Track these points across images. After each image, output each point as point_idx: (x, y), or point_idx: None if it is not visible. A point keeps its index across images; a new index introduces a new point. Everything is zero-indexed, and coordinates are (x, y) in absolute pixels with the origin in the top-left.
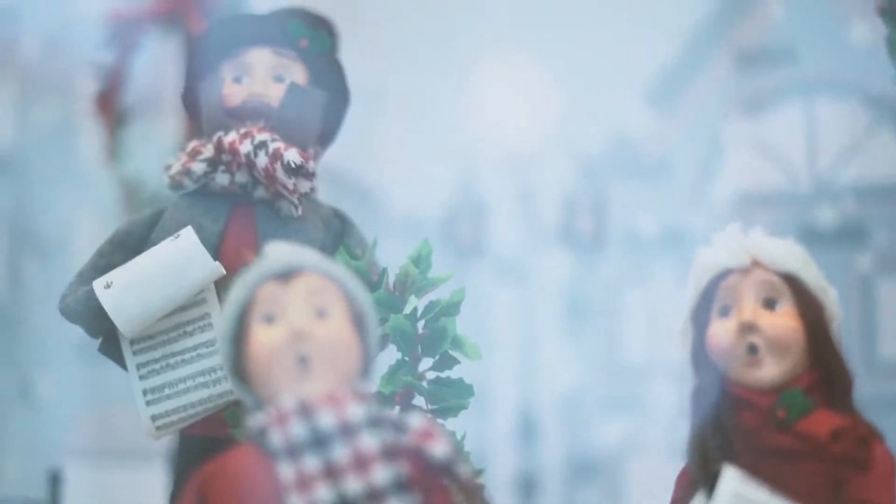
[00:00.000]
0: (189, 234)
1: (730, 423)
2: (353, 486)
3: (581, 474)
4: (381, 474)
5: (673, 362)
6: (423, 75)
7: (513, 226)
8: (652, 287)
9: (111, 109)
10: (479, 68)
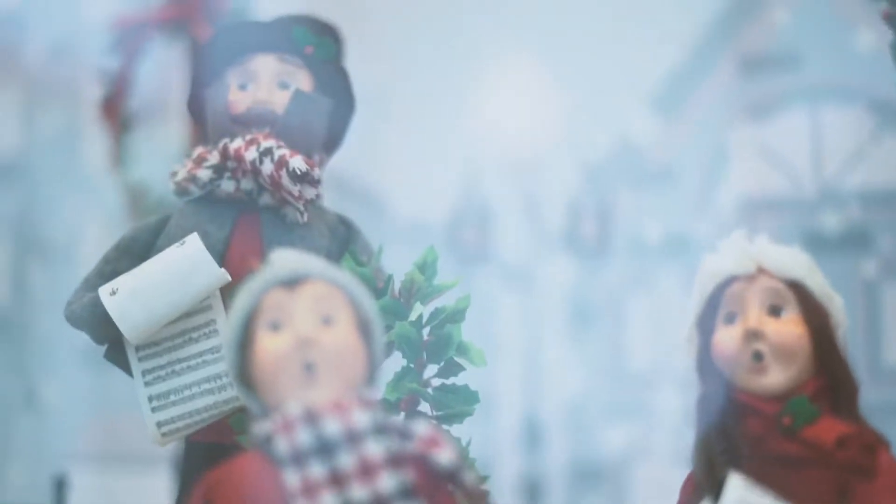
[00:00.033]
0: (195, 241)
1: (735, 430)
2: (358, 493)
3: (586, 480)
4: (387, 481)
5: (677, 368)
6: (428, 82)
7: (517, 232)
8: (656, 293)
9: (116, 115)
10: (483, 75)
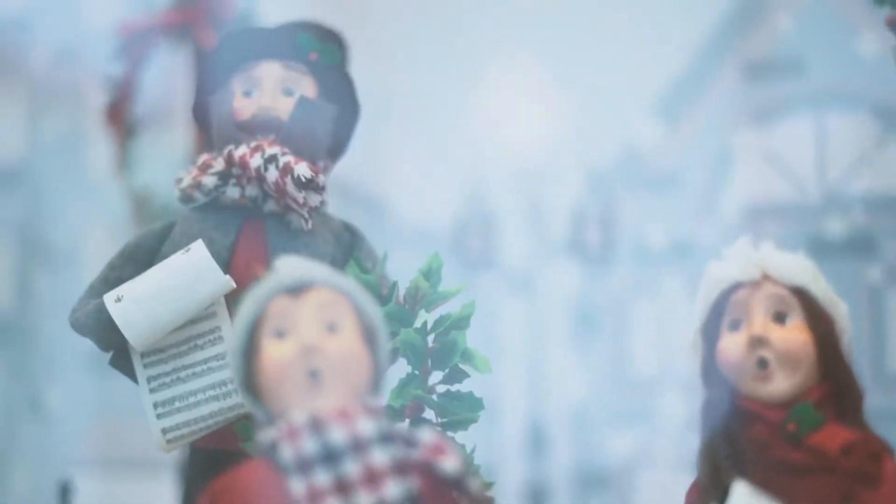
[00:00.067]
0: (199, 248)
1: (740, 437)
2: (363, 501)
3: (590, 486)
4: (392, 489)
5: (682, 374)
6: (432, 88)
7: (522, 238)
8: (661, 299)
9: (121, 121)
10: (487, 81)
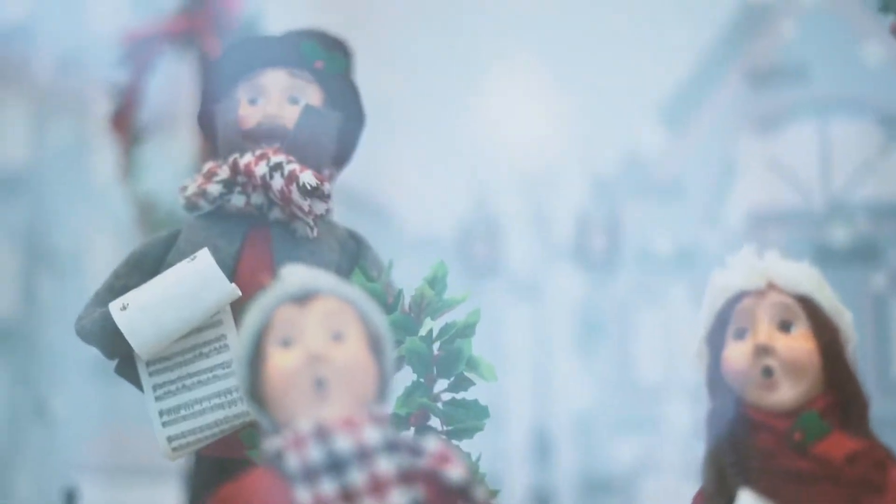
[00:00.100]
0: (205, 256)
1: (745, 446)
2: None
3: (595, 494)
4: (398, 498)
5: (687, 381)
6: (436, 95)
7: (526, 244)
8: (666, 306)
9: (126, 128)
10: (491, 89)
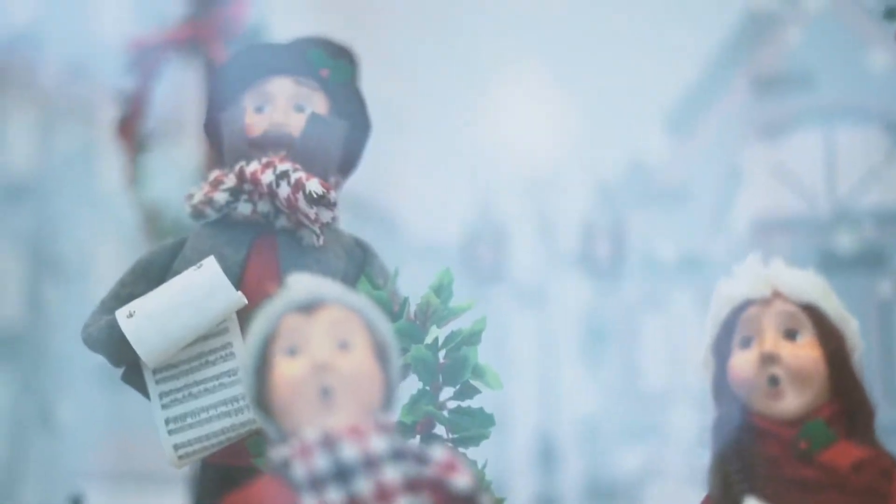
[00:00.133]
0: (211, 264)
1: (751, 454)
2: None
3: (601, 501)
4: None
5: (692, 388)
6: (441, 102)
7: (531, 251)
8: (671, 312)
9: (132, 135)
10: (497, 96)
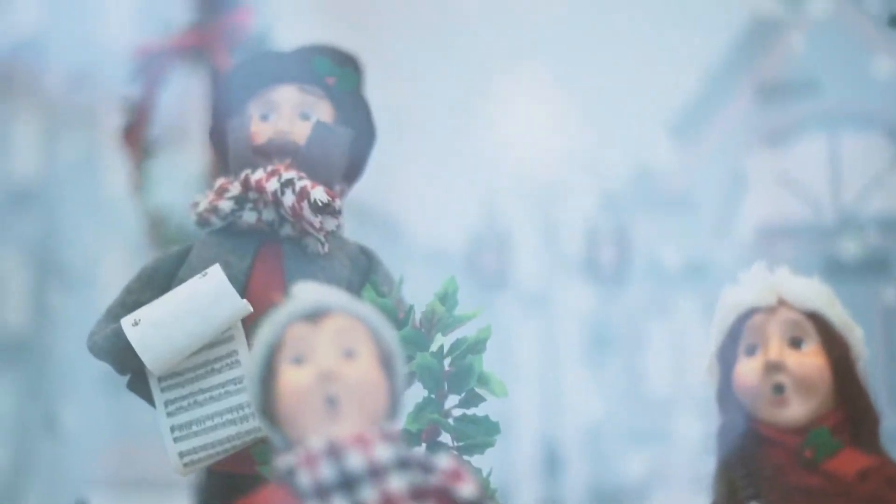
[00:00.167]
0: (216, 272)
1: (756, 461)
2: None
3: None
4: None
5: (696, 394)
6: (446, 110)
7: (536, 257)
8: (675, 318)
9: (137, 142)
10: (502, 104)
